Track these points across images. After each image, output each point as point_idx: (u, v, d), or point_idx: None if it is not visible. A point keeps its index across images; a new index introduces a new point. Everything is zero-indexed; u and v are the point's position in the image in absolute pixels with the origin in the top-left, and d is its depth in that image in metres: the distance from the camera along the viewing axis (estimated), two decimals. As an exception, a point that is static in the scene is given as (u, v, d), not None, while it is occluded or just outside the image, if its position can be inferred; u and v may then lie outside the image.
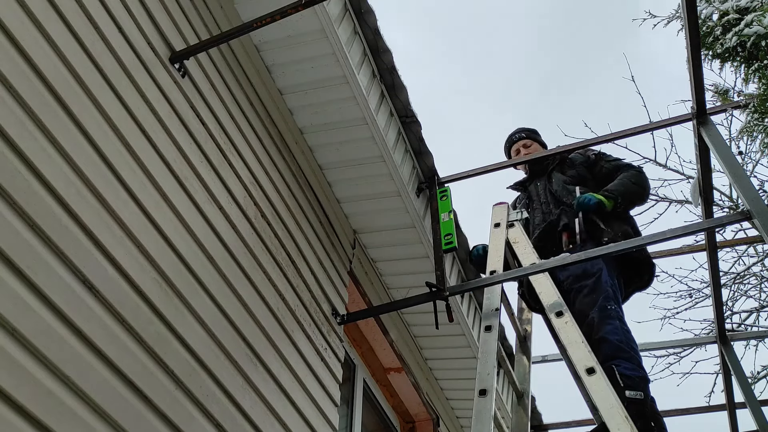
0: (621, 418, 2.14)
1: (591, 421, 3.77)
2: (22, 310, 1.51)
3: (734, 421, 3.94)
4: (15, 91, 1.62)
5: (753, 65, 3.29)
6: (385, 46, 3.09)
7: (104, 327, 1.73)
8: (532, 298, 3.53)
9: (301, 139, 3.11)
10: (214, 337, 2.19)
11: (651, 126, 3.63)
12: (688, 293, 6.92)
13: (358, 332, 3.70)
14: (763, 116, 3.01)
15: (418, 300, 3.04)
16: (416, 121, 3.38)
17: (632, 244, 2.81)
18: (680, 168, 6.81)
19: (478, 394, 2.40)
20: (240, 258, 2.43)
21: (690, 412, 4.22)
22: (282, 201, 2.84)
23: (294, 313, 2.74)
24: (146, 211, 1.99)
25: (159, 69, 2.21)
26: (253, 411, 2.31)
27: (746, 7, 3.41)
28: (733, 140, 6.03)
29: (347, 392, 3.65)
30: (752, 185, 2.75)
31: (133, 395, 1.78)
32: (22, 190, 1.58)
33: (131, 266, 1.88)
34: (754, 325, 6.65)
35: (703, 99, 3.06)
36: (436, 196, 3.51)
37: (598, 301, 3.00)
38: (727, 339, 4.00)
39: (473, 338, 4.08)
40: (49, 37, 1.76)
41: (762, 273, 6.60)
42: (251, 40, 2.79)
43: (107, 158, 1.87)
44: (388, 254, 3.61)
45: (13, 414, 1.43)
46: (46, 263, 1.60)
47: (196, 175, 2.27)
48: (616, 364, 2.73)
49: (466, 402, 4.63)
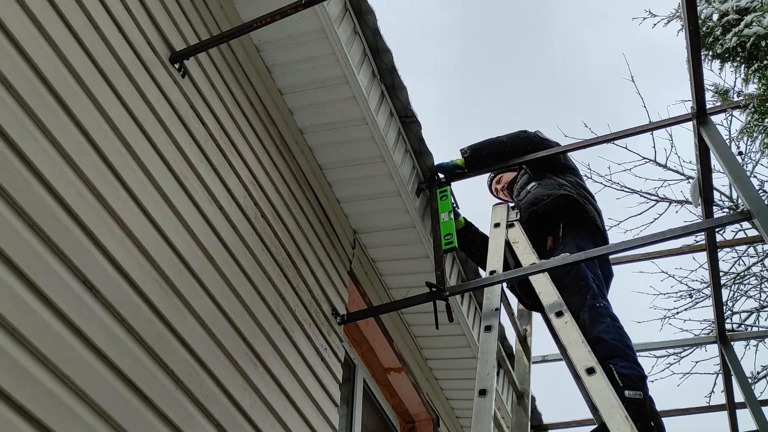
0: (621, 418, 2.14)
1: (591, 421, 3.77)
2: (22, 310, 1.51)
3: (734, 421, 3.94)
4: (15, 91, 1.62)
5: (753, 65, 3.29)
6: (385, 46, 3.10)
7: (104, 327, 1.73)
8: (524, 294, 3.54)
9: (301, 139, 3.11)
10: (214, 337, 2.19)
11: (651, 126, 3.63)
12: (688, 293, 6.91)
13: (358, 332, 3.70)
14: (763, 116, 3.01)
15: (418, 300, 3.05)
16: (416, 121, 3.38)
17: (632, 244, 2.81)
18: (680, 168, 6.81)
19: (478, 394, 2.40)
20: (240, 258, 2.43)
21: (690, 412, 4.22)
22: (282, 201, 2.84)
23: (294, 313, 2.74)
24: (146, 211, 1.99)
25: (159, 69, 2.21)
26: (253, 411, 2.31)
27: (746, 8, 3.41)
28: (733, 140, 6.03)
29: (347, 392, 3.65)
30: (752, 185, 2.75)
31: (133, 395, 1.78)
32: (22, 190, 1.58)
33: (131, 266, 1.88)
34: (754, 325, 6.65)
35: (703, 99, 3.06)
36: (436, 196, 3.52)
37: (586, 300, 3.00)
38: (727, 339, 4.00)
39: (473, 338, 4.08)
40: (49, 37, 1.76)
41: (762, 273, 6.60)
42: (251, 40, 2.79)
43: (107, 158, 1.87)
44: (388, 254, 3.61)
45: (13, 414, 1.43)
46: (46, 263, 1.60)
47: (196, 175, 2.27)
48: (613, 363, 2.73)
49: (466, 402, 4.63)
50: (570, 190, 3.52)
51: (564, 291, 2.96)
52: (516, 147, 3.65)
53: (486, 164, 3.70)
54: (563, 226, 3.42)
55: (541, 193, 3.52)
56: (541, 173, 3.74)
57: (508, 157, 3.65)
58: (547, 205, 3.45)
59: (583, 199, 3.51)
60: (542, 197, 3.49)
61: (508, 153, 3.64)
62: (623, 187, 6.96)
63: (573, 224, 3.43)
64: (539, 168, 3.76)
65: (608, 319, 2.93)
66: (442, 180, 3.59)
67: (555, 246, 3.37)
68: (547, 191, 3.51)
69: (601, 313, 2.94)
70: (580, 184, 3.71)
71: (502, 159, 3.66)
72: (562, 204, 3.45)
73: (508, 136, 3.71)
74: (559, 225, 3.42)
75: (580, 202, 3.47)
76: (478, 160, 3.68)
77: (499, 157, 3.66)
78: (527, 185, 3.74)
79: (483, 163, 3.69)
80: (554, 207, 3.45)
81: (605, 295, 3.15)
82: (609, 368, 2.68)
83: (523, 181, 3.86)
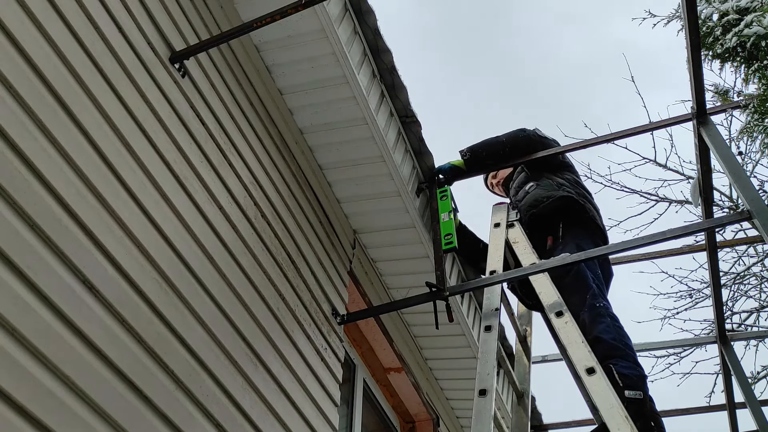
0: (621, 418, 2.14)
1: (591, 421, 3.77)
2: (22, 310, 1.51)
3: (734, 421, 3.94)
4: (15, 91, 1.62)
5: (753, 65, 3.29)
6: (385, 46, 3.09)
7: (104, 327, 1.73)
8: (525, 294, 3.54)
9: (301, 139, 3.11)
10: (214, 337, 2.19)
11: (651, 126, 3.63)
12: (688, 293, 6.91)
13: (358, 332, 3.70)
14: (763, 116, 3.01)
15: (418, 300, 3.04)
16: (416, 121, 3.38)
17: (632, 244, 2.81)
18: (680, 168, 6.81)
19: (478, 394, 2.40)
20: (240, 258, 2.43)
21: (690, 412, 4.22)
22: (282, 201, 2.84)
23: (294, 313, 2.74)
24: (146, 211, 1.99)
25: (159, 69, 2.21)
26: (253, 411, 2.31)
27: (746, 8, 3.41)
28: (733, 140, 6.04)
29: (347, 392, 3.65)
30: (752, 185, 2.75)
31: (133, 395, 1.78)
32: (22, 190, 1.58)
33: (131, 266, 1.88)
34: (754, 325, 6.65)
35: (703, 99, 3.06)
36: (436, 196, 3.52)
37: (585, 300, 3.00)
38: (727, 339, 4.00)
39: (473, 338, 4.08)
40: (49, 37, 1.76)
41: (762, 273, 6.60)
42: (251, 40, 2.79)
43: (107, 158, 1.87)
44: (388, 254, 3.61)
45: (13, 414, 1.43)
46: (46, 263, 1.60)
47: (196, 175, 2.27)
48: (613, 363, 2.73)
49: (466, 402, 4.63)
50: (569, 190, 3.52)
51: (564, 291, 2.96)
52: (515, 147, 3.65)
53: (485, 165, 3.71)
54: (563, 226, 3.42)
55: (541, 194, 3.52)
56: (539, 172, 3.73)
57: (507, 157, 3.65)
58: (547, 206, 3.46)
59: (582, 199, 3.51)
60: (542, 199, 3.49)
61: (507, 153, 3.65)
62: (623, 187, 6.97)
63: (573, 224, 3.43)
64: (536, 166, 3.76)
65: (608, 319, 2.93)
66: (441, 180, 3.60)
67: (555, 246, 3.37)
68: (547, 193, 3.51)
69: (601, 313, 2.94)
70: (577, 181, 3.71)
71: (501, 159, 3.66)
72: (562, 205, 3.46)
73: (506, 135, 3.71)
74: (559, 225, 3.42)
75: (580, 202, 3.47)
76: (477, 162, 3.68)
77: (498, 158, 3.66)
78: (525, 185, 3.73)
79: (482, 164, 3.69)
80: (554, 208, 3.46)
81: (605, 295, 3.15)
82: (609, 368, 2.68)
83: (520, 180, 3.86)
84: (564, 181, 3.62)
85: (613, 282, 3.52)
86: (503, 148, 3.66)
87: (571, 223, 3.43)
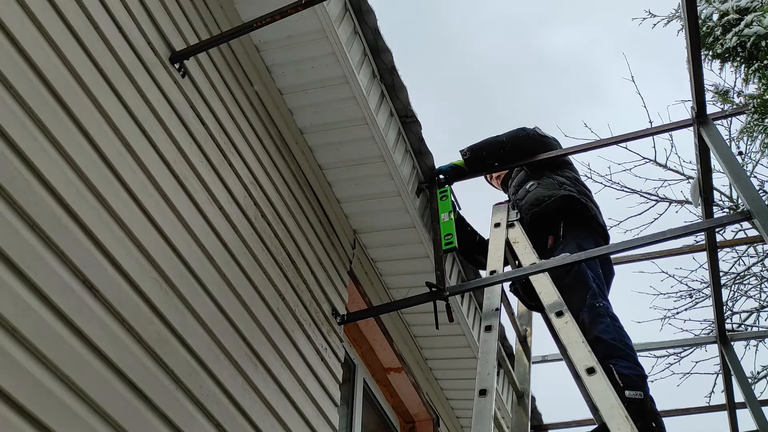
0: (621, 418, 2.14)
1: (591, 421, 3.77)
2: (22, 310, 1.51)
3: (734, 421, 3.94)
4: (15, 91, 1.62)
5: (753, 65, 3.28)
6: (385, 46, 3.10)
7: (104, 327, 1.73)
8: (527, 295, 3.54)
9: (301, 139, 3.11)
10: (214, 337, 2.19)
11: (652, 130, 3.66)
12: (688, 293, 6.90)
13: (358, 332, 3.70)
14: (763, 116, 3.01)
15: (418, 300, 3.05)
16: (416, 121, 3.38)
17: (632, 244, 2.81)
18: (680, 168, 6.79)
19: (478, 394, 2.40)
20: (240, 258, 2.43)
21: (690, 412, 4.22)
22: (282, 201, 2.84)
23: (294, 313, 2.74)
24: (146, 211, 1.99)
25: (159, 69, 2.21)
26: (253, 411, 2.31)
27: (746, 8, 3.41)
28: (733, 140, 6.03)
29: (347, 392, 3.64)
30: (752, 185, 2.75)
31: (133, 395, 1.78)
32: (22, 190, 1.58)
33: (131, 266, 1.88)
34: (754, 325, 6.64)
35: (703, 99, 3.06)
36: (436, 196, 3.52)
37: (585, 299, 3.00)
38: (727, 339, 4.00)
39: (473, 338, 4.08)
40: (49, 37, 1.76)
41: (762, 273, 6.59)
42: (251, 40, 2.79)
43: (107, 158, 1.87)
44: (388, 254, 3.61)
45: (13, 414, 1.43)
46: (46, 263, 1.60)
47: (196, 175, 2.27)
48: (613, 363, 2.73)
49: (466, 402, 4.63)
50: (570, 189, 3.52)
51: (564, 291, 2.96)
52: (516, 146, 3.65)
53: (486, 165, 3.70)
54: (564, 225, 3.41)
55: (542, 194, 3.52)
56: (539, 170, 3.73)
57: (507, 157, 3.65)
58: (549, 205, 3.45)
59: (583, 197, 3.51)
60: (544, 198, 3.48)
61: (508, 152, 3.64)
62: (623, 187, 6.95)
63: (574, 223, 3.43)
64: (536, 164, 3.76)
65: (608, 319, 2.93)
66: (441, 180, 3.60)
67: (555, 245, 3.37)
68: (549, 192, 3.51)
69: (601, 313, 2.94)
70: (577, 179, 3.71)
71: (501, 159, 3.66)
72: (564, 204, 3.45)
73: (507, 134, 3.71)
74: (560, 224, 3.42)
75: (582, 201, 3.47)
76: (478, 161, 3.68)
77: (498, 157, 3.66)
78: (525, 183, 3.72)
79: (483, 163, 3.69)
80: (556, 207, 3.45)
81: (605, 295, 3.14)
82: (609, 368, 2.68)
83: (520, 178, 3.85)
84: (564, 179, 3.62)
85: (614, 282, 3.52)
86: (503, 147, 3.66)
87: (572, 222, 3.43)
